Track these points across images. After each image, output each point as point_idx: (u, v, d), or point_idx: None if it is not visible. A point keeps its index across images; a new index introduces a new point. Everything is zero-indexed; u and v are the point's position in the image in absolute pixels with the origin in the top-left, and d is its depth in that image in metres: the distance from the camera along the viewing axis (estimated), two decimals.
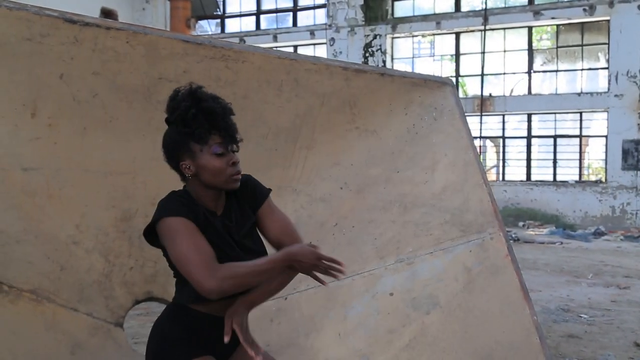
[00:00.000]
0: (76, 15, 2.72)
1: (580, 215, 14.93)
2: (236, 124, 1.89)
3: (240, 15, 19.80)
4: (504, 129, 16.54)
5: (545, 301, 6.21)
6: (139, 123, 2.88)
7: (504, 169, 16.53)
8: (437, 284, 3.00)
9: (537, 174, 16.09)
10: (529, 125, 16.19)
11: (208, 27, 20.25)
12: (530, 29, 16.17)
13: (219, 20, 20.27)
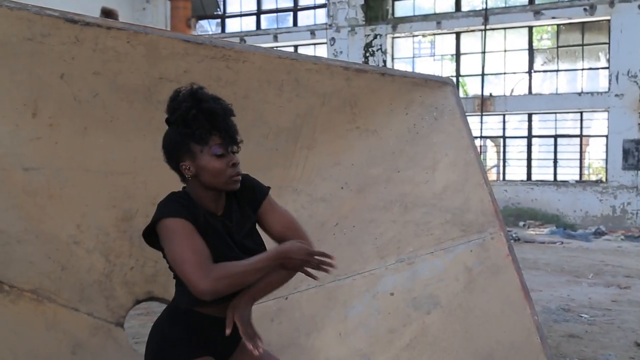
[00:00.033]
0: (77, 15, 2.72)
1: (580, 215, 14.93)
2: (237, 125, 1.89)
3: (241, 15, 19.81)
4: (504, 129, 16.55)
5: (546, 301, 6.21)
6: (139, 123, 2.88)
7: (504, 169, 16.53)
8: (437, 283, 3.00)
9: (537, 174, 16.09)
10: (530, 125, 16.19)
11: (208, 27, 20.26)
12: (530, 28, 16.16)
13: (219, 20, 20.28)
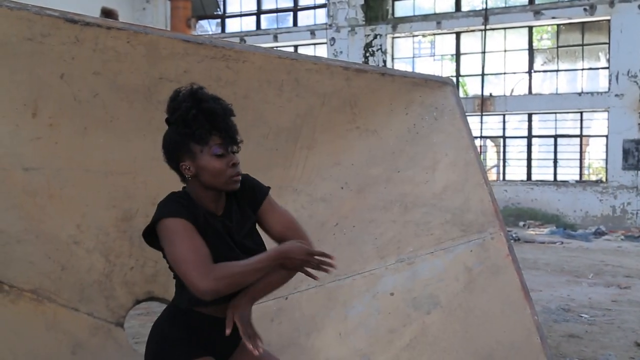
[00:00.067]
0: (77, 15, 2.71)
1: (580, 215, 14.93)
2: (237, 125, 1.89)
3: (241, 15, 19.81)
4: (504, 129, 16.55)
5: (546, 301, 6.21)
6: (139, 123, 2.88)
7: (504, 169, 16.53)
8: (437, 283, 3.00)
9: (537, 174, 16.10)
10: (530, 125, 16.19)
11: (208, 27, 20.26)
12: (530, 28, 16.17)
13: (219, 20, 20.28)
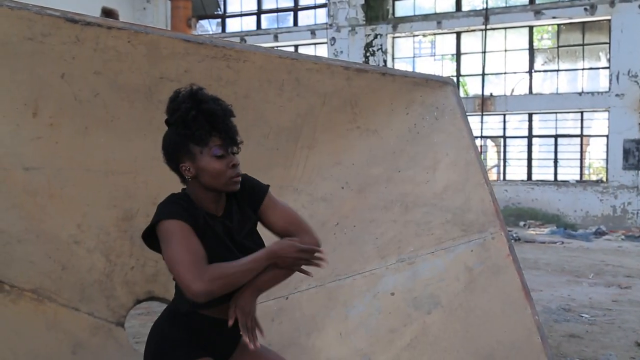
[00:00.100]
0: (77, 15, 2.72)
1: (581, 215, 14.93)
2: (236, 126, 1.88)
3: (241, 15, 19.81)
4: (504, 129, 16.55)
5: (547, 301, 6.21)
6: (140, 122, 2.88)
7: (504, 169, 16.53)
8: (438, 283, 2.99)
9: (538, 174, 16.09)
10: (530, 124, 16.19)
11: (209, 26, 20.26)
12: (531, 28, 16.16)
13: (219, 20, 20.28)
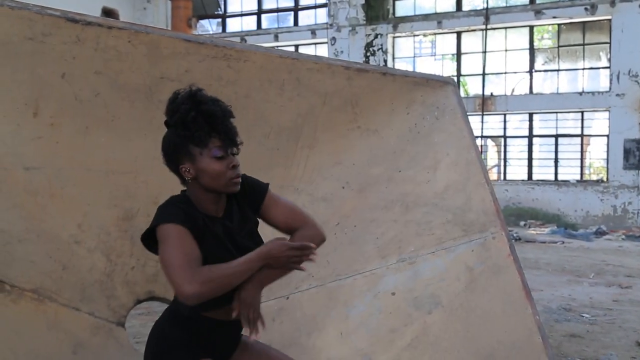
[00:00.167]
0: (78, 15, 2.71)
1: (581, 215, 14.92)
2: (236, 127, 1.88)
3: (242, 15, 19.81)
4: (505, 129, 16.55)
5: (547, 300, 6.21)
6: (140, 122, 2.88)
7: (505, 169, 16.53)
8: (439, 283, 2.99)
9: (538, 174, 16.09)
10: (530, 124, 16.19)
11: (209, 26, 20.26)
12: (531, 28, 16.16)
13: (220, 20, 20.29)
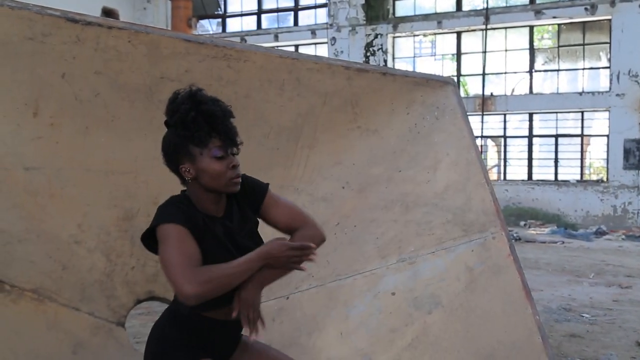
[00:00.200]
0: (78, 15, 2.71)
1: (581, 215, 14.92)
2: (236, 127, 1.88)
3: (242, 15, 19.81)
4: (505, 128, 16.55)
5: (547, 301, 6.21)
6: (140, 122, 2.88)
7: (505, 169, 16.53)
8: (439, 283, 2.99)
9: (538, 174, 16.09)
10: (530, 124, 16.19)
11: (209, 26, 20.26)
12: (531, 28, 16.16)
13: (220, 20, 20.29)
